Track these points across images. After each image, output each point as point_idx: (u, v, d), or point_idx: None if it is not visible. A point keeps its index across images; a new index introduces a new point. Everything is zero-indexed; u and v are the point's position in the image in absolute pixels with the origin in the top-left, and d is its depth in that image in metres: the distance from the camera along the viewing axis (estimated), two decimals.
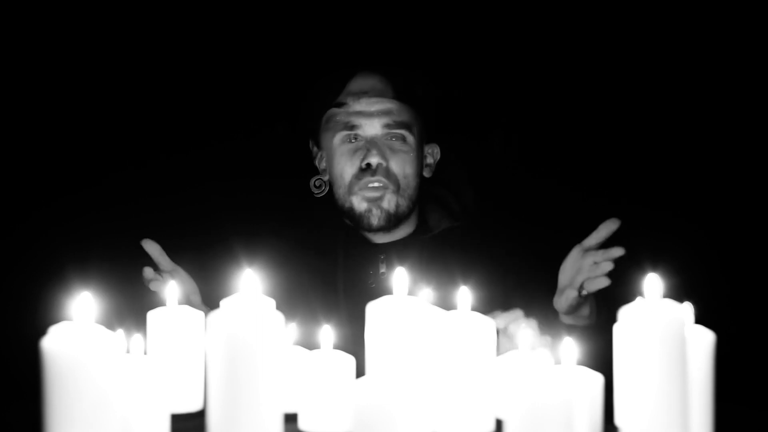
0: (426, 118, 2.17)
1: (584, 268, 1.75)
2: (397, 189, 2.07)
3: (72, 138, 2.56)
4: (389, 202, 2.06)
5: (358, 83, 2.12)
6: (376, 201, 2.06)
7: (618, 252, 1.73)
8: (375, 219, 2.06)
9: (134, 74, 2.59)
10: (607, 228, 1.77)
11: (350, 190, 2.07)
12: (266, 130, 2.63)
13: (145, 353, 1.33)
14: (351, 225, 2.13)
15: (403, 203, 2.08)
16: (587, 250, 1.77)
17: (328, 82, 2.14)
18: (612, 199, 2.58)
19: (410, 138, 2.10)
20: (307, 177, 2.23)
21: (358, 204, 2.07)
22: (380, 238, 2.13)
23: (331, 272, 2.08)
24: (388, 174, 2.06)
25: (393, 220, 2.08)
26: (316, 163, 2.22)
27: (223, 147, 2.61)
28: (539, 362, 1.25)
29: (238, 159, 2.61)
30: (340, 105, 2.10)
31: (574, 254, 1.79)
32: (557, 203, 2.62)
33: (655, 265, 1.34)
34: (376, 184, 2.05)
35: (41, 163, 2.54)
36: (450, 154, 2.28)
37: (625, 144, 2.63)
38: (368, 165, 2.05)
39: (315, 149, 2.21)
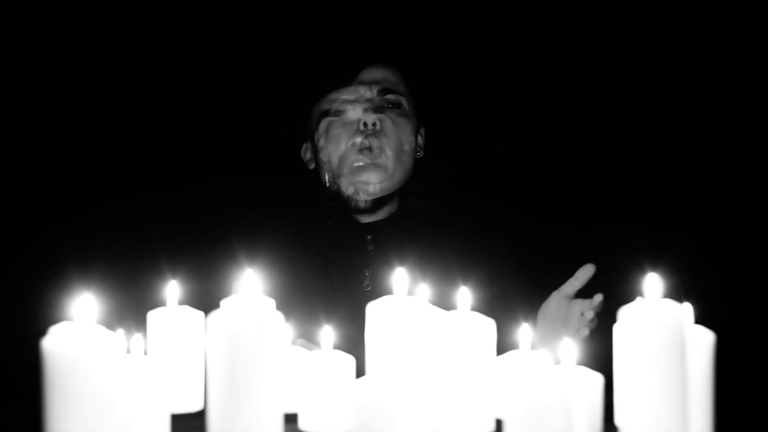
0: (418, 99, 2.19)
1: (572, 319, 1.85)
2: (394, 156, 2.06)
3: (72, 137, 2.56)
4: (381, 181, 2.06)
5: (370, 73, 2.13)
6: (370, 167, 2.05)
7: (599, 298, 1.84)
8: (362, 203, 2.08)
9: (134, 73, 2.59)
10: (584, 274, 1.87)
11: (347, 154, 2.06)
12: (266, 130, 2.63)
13: (146, 353, 1.33)
14: (336, 207, 2.13)
15: (400, 173, 2.08)
16: (566, 296, 1.87)
17: (337, 74, 2.15)
18: (612, 199, 2.59)
19: (406, 106, 2.12)
20: (307, 177, 2.24)
21: (346, 188, 2.07)
22: (365, 218, 2.13)
23: (324, 268, 2.09)
24: (383, 133, 2.06)
25: (378, 200, 2.09)
26: (302, 153, 2.22)
27: (223, 147, 2.61)
28: (539, 362, 1.26)
29: (238, 159, 2.61)
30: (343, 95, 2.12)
31: (554, 302, 1.89)
32: (558, 202, 2.62)
33: (654, 264, 1.34)
34: (373, 143, 2.05)
35: (41, 162, 2.54)
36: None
37: (625, 144, 2.63)
38: (365, 124, 2.05)
39: (305, 145, 2.22)
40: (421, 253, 2.04)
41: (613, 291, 1.74)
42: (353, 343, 1.47)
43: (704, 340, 1.29)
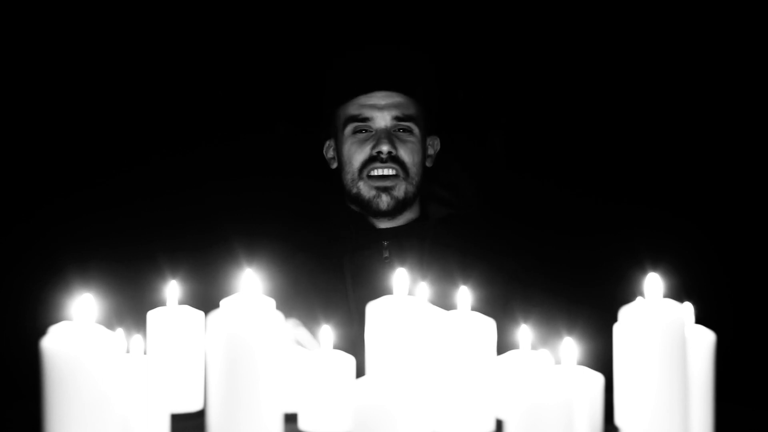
0: (429, 111, 2.25)
1: None
2: (406, 176, 2.15)
3: (72, 138, 2.56)
4: (399, 189, 2.15)
5: (384, 98, 2.17)
6: (387, 190, 2.14)
7: None
8: (384, 204, 2.14)
9: (134, 73, 2.59)
10: None
11: (359, 175, 2.15)
12: (267, 129, 2.63)
13: (145, 353, 1.33)
14: (356, 210, 2.19)
15: (411, 189, 2.17)
16: None
17: (350, 87, 2.19)
18: (613, 200, 2.59)
19: (416, 130, 2.19)
20: (310, 177, 2.25)
21: (367, 191, 2.15)
22: (384, 224, 2.19)
23: (338, 267, 2.10)
24: (397, 161, 2.14)
25: (400, 206, 2.16)
26: (324, 151, 2.28)
27: (223, 147, 2.62)
28: (539, 362, 1.25)
29: (239, 158, 2.61)
30: (358, 118, 2.16)
31: None
32: (558, 204, 2.62)
33: (655, 264, 1.34)
34: (387, 171, 2.14)
35: (42, 163, 2.54)
36: (448, 152, 2.32)
37: (626, 144, 2.63)
38: (379, 152, 2.13)
39: (328, 143, 2.27)
40: (438, 263, 2.06)
41: (614, 291, 1.74)
42: (360, 347, 1.47)
43: (705, 340, 1.29)
